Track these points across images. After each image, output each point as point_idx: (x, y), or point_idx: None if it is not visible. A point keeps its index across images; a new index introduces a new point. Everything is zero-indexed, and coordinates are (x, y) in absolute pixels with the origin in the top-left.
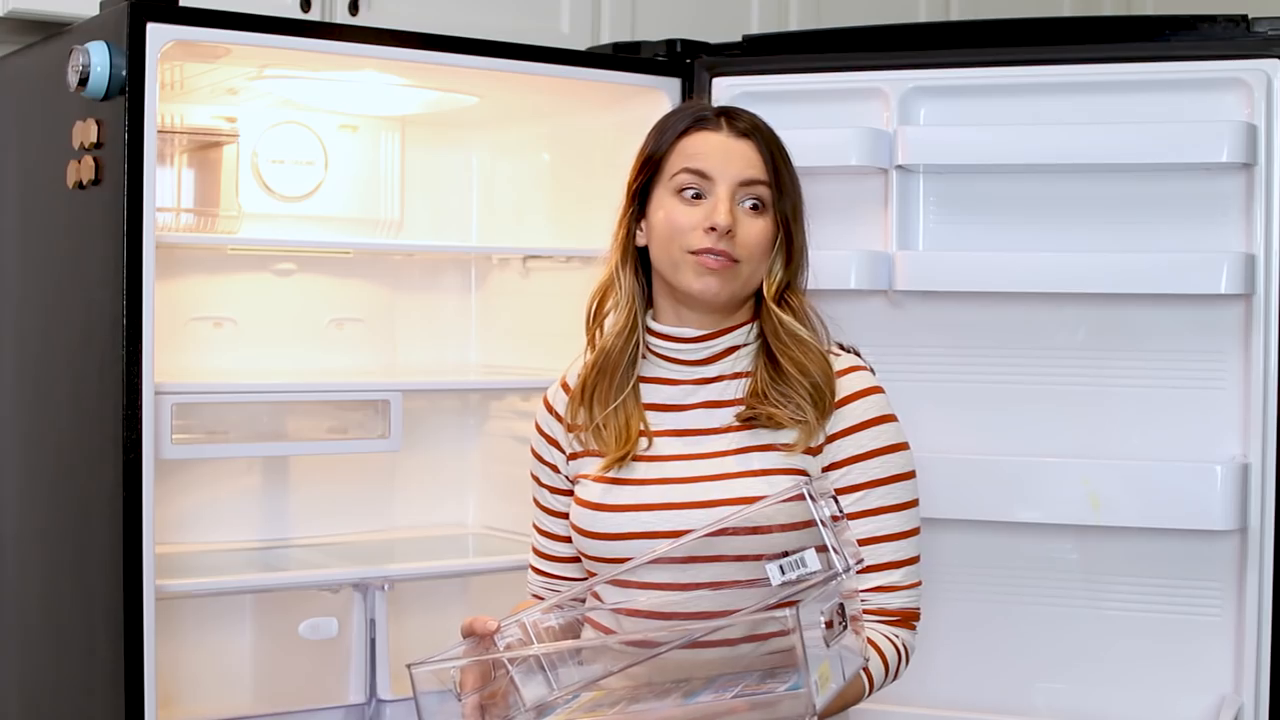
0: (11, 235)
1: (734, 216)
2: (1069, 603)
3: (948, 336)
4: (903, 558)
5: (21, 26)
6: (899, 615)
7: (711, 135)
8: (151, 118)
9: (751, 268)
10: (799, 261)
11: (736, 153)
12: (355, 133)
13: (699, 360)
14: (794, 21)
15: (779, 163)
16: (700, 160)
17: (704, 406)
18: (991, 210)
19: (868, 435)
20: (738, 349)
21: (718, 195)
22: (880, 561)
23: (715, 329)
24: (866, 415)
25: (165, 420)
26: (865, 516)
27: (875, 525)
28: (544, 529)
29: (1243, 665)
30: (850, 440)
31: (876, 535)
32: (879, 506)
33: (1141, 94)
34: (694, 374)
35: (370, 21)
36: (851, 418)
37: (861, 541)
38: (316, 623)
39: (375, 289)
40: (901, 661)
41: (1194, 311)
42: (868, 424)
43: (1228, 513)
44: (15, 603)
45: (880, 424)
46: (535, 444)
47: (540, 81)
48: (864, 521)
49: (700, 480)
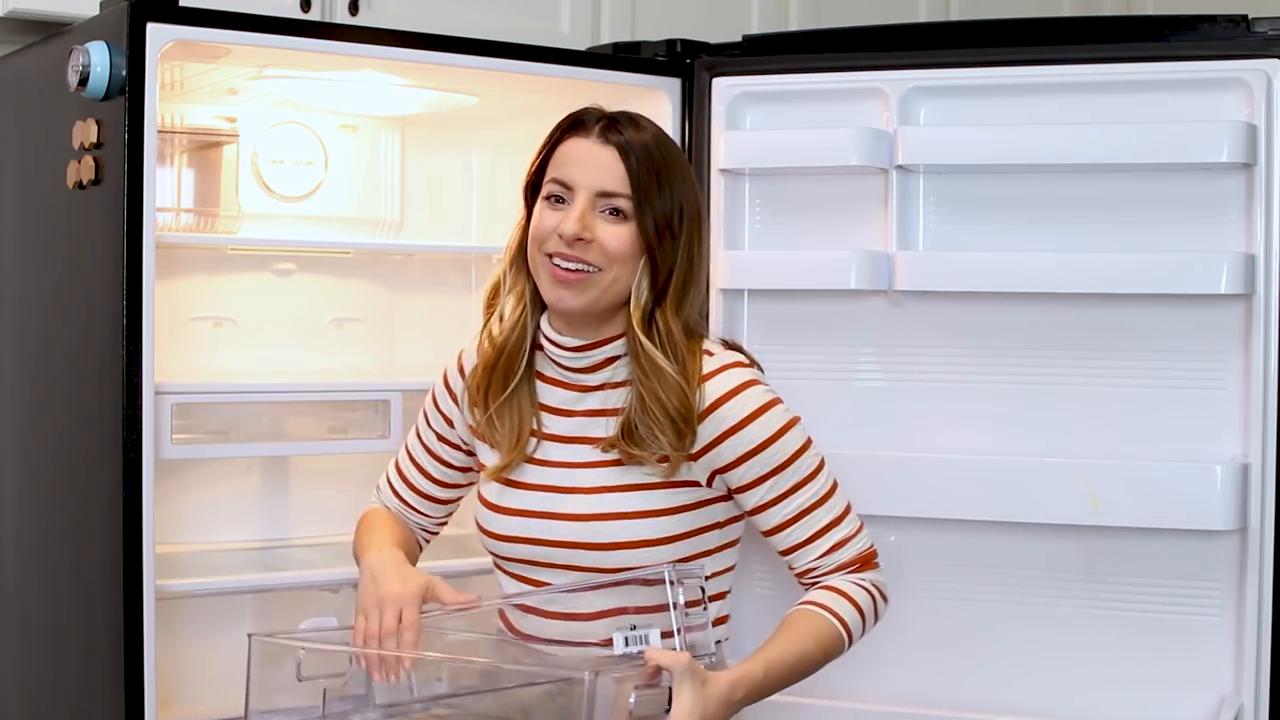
0: (11, 235)
1: (586, 224)
2: (1069, 603)
3: (948, 337)
4: (837, 514)
5: (21, 26)
6: (857, 561)
7: (581, 142)
8: (151, 118)
9: (613, 275)
10: (674, 282)
11: (599, 161)
12: (355, 133)
13: (580, 368)
14: (794, 21)
15: (644, 175)
16: (564, 168)
17: (589, 414)
18: (991, 210)
19: (754, 429)
20: (618, 359)
21: (575, 203)
22: (820, 526)
23: (593, 339)
24: (744, 412)
25: (165, 420)
26: (786, 497)
27: (800, 501)
28: (418, 462)
29: (1243, 665)
30: (736, 440)
31: (805, 507)
32: (794, 484)
33: (1141, 94)
34: (578, 380)
35: (370, 21)
36: (730, 418)
37: (792, 519)
38: (316, 622)
39: (375, 289)
40: (878, 599)
41: (1194, 311)
42: (747, 420)
43: (1228, 513)
44: (15, 603)
45: (760, 415)
46: (437, 392)
47: (540, 81)
48: (787, 502)
49: (579, 492)
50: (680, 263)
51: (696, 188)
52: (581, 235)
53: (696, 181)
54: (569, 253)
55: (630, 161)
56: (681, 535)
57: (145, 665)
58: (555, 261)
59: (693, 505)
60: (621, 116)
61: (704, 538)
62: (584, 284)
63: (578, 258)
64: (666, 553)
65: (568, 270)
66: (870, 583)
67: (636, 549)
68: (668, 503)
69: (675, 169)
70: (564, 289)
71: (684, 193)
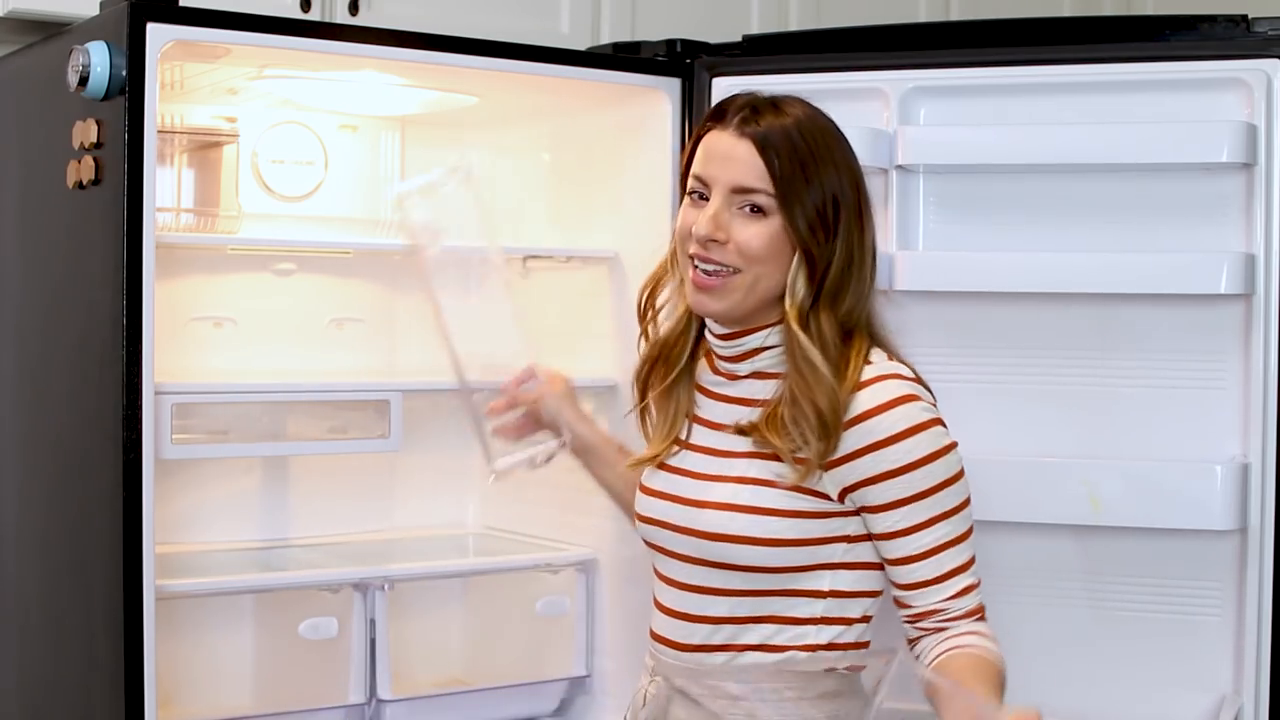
0: (11, 235)
1: (720, 224)
2: (1069, 602)
3: (948, 337)
4: (966, 559)
5: (21, 26)
6: (979, 612)
7: (720, 134)
8: (151, 118)
9: (754, 275)
10: (830, 277)
11: (735, 156)
12: (355, 133)
13: (729, 357)
14: (794, 21)
15: (787, 166)
16: (703, 164)
17: (733, 402)
18: (991, 210)
19: (902, 448)
20: (767, 349)
21: (711, 201)
22: (953, 567)
23: (737, 329)
24: (895, 428)
25: (165, 420)
26: (921, 529)
27: (935, 535)
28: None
29: (1243, 665)
30: (880, 455)
31: (939, 544)
32: (932, 516)
33: (1141, 94)
34: (728, 369)
35: (370, 21)
36: (879, 431)
37: (922, 554)
38: (316, 623)
39: (375, 289)
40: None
41: (1194, 311)
42: (898, 437)
43: (1228, 513)
44: (15, 603)
45: (913, 435)
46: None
47: (540, 81)
48: (922, 534)
49: (703, 478)
50: (839, 257)
51: (857, 172)
52: (715, 236)
53: (856, 166)
54: (705, 254)
55: (769, 154)
56: (793, 541)
57: (145, 665)
58: (695, 264)
59: (812, 514)
60: (763, 103)
61: (826, 549)
62: (722, 289)
63: (714, 259)
64: (776, 555)
65: (706, 274)
66: (989, 633)
67: (740, 544)
68: (783, 504)
69: (826, 155)
70: (703, 294)
71: (838, 181)
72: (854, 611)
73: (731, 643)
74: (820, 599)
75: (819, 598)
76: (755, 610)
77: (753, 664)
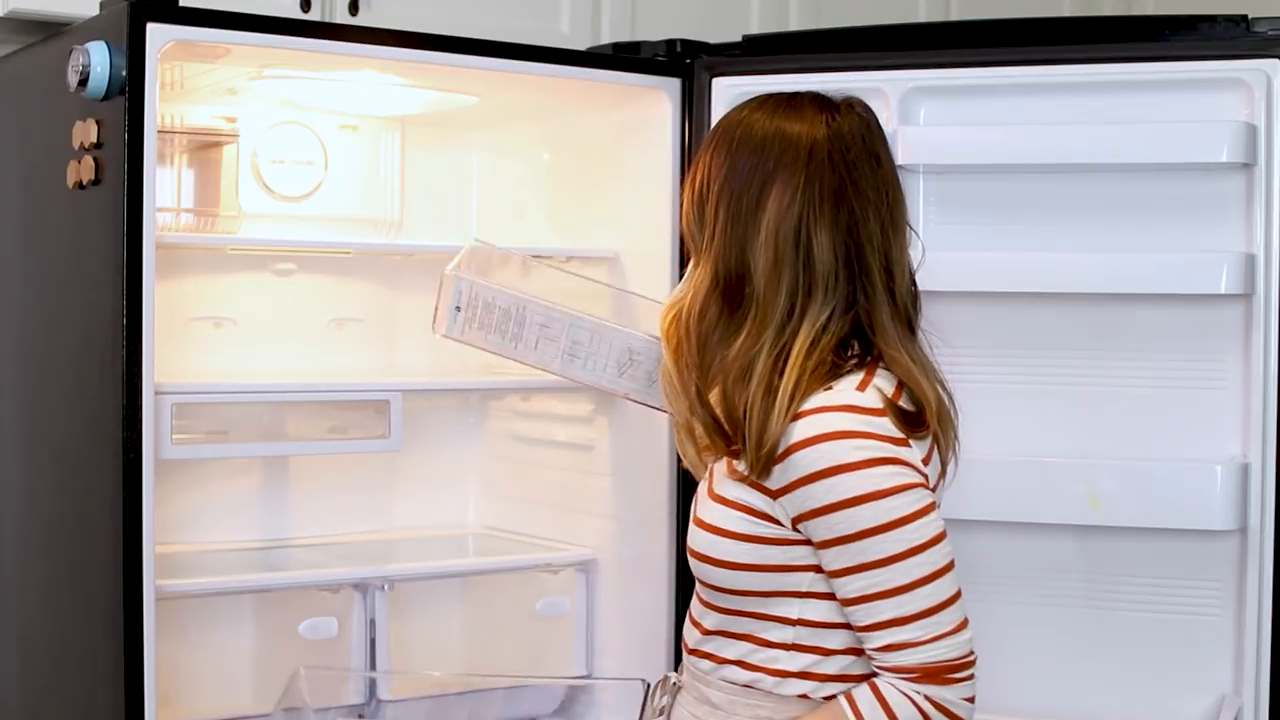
0: (12, 235)
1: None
2: (1069, 602)
3: (947, 337)
4: (910, 611)
5: (21, 26)
6: (919, 670)
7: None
8: (151, 118)
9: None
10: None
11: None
12: (355, 133)
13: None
14: (794, 21)
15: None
16: None
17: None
18: (992, 210)
19: (821, 488)
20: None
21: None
22: (881, 620)
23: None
24: (813, 467)
25: (165, 420)
26: (851, 574)
27: (864, 584)
28: None
29: (1243, 665)
30: (805, 492)
31: (868, 593)
32: (861, 563)
33: (1141, 94)
34: None
35: (370, 21)
36: (801, 467)
37: (854, 600)
38: (316, 623)
39: (375, 289)
40: (933, 714)
41: (1194, 311)
42: (816, 476)
43: (1228, 513)
44: (15, 603)
45: (832, 475)
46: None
47: (540, 81)
48: (852, 579)
49: (707, 495)
50: (725, 254)
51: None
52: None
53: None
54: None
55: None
56: (752, 566)
57: (145, 665)
58: None
59: (772, 540)
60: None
61: (792, 576)
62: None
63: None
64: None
65: None
66: (926, 696)
67: (707, 564)
68: (743, 528)
69: (710, 140)
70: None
71: (713, 167)
72: (832, 643)
73: (716, 654)
74: (790, 626)
75: (788, 624)
76: (733, 627)
77: (731, 678)
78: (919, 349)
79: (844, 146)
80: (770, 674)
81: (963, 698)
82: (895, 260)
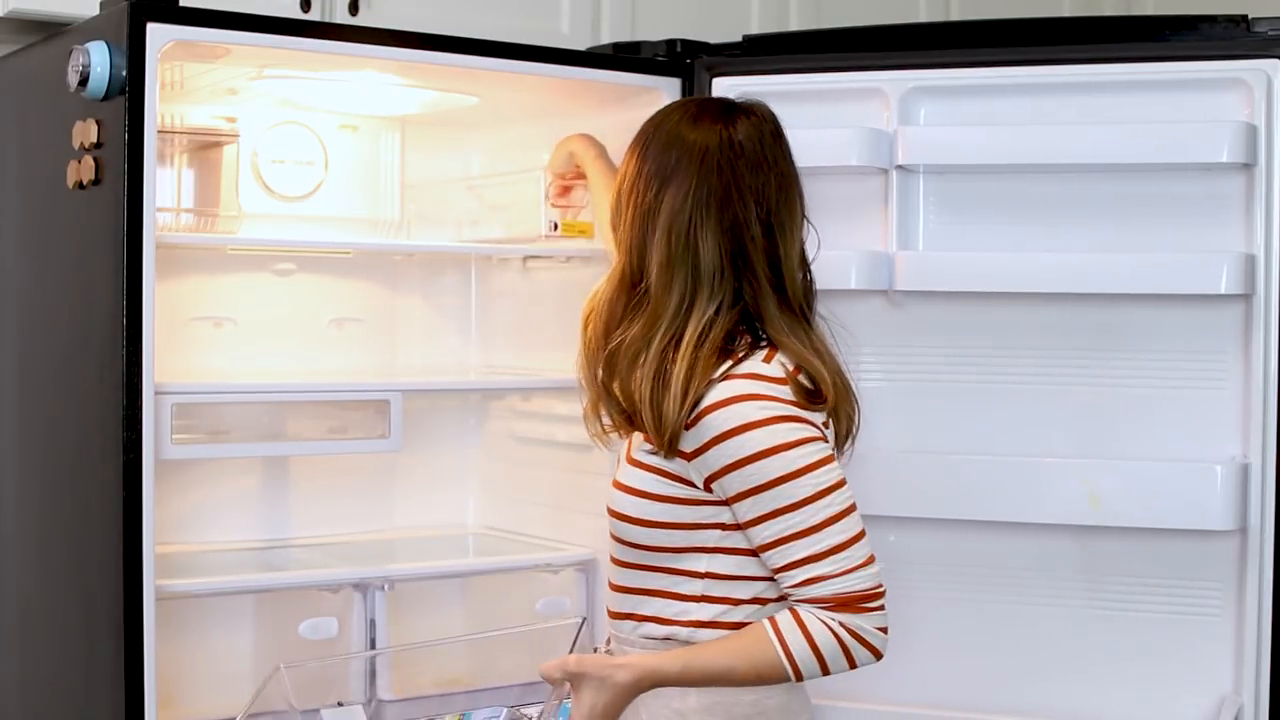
0: (12, 235)
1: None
2: (1069, 602)
3: (948, 336)
4: (823, 548)
5: (21, 26)
6: (834, 600)
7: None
8: (151, 118)
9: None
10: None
11: None
12: (355, 133)
13: None
14: (794, 21)
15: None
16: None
17: None
18: (991, 210)
19: (734, 444)
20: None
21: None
22: (798, 558)
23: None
24: (725, 425)
25: (165, 420)
26: (765, 520)
27: (780, 527)
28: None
29: (1243, 665)
30: (717, 451)
31: (783, 536)
32: (775, 509)
33: (1141, 94)
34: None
35: (370, 21)
36: (714, 427)
37: (770, 544)
38: (316, 623)
39: (375, 289)
40: (848, 643)
41: (1194, 311)
42: (729, 434)
43: (1228, 513)
44: (15, 603)
45: (744, 432)
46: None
47: (540, 81)
48: (767, 525)
49: (624, 460)
50: (630, 240)
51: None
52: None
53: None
54: None
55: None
56: (666, 524)
57: (145, 665)
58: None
59: (684, 500)
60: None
61: (700, 534)
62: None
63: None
64: (652, 535)
65: None
66: (841, 623)
67: (625, 523)
68: (659, 489)
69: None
70: None
71: (632, 163)
72: (741, 593)
73: (635, 612)
74: (698, 579)
75: (697, 577)
76: (647, 584)
77: (650, 633)
78: (814, 335)
79: (734, 153)
80: (684, 625)
81: (875, 626)
82: (782, 257)
